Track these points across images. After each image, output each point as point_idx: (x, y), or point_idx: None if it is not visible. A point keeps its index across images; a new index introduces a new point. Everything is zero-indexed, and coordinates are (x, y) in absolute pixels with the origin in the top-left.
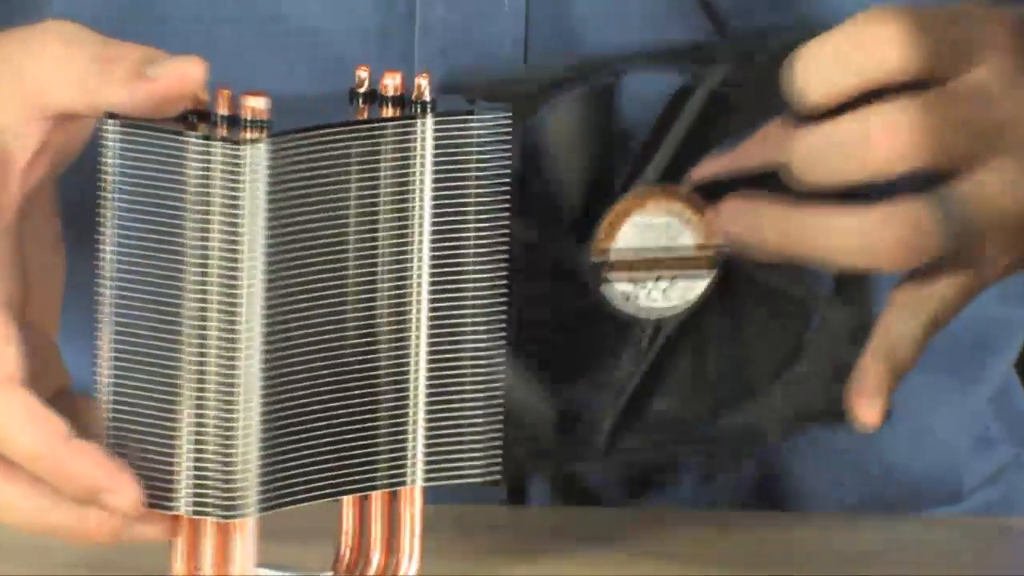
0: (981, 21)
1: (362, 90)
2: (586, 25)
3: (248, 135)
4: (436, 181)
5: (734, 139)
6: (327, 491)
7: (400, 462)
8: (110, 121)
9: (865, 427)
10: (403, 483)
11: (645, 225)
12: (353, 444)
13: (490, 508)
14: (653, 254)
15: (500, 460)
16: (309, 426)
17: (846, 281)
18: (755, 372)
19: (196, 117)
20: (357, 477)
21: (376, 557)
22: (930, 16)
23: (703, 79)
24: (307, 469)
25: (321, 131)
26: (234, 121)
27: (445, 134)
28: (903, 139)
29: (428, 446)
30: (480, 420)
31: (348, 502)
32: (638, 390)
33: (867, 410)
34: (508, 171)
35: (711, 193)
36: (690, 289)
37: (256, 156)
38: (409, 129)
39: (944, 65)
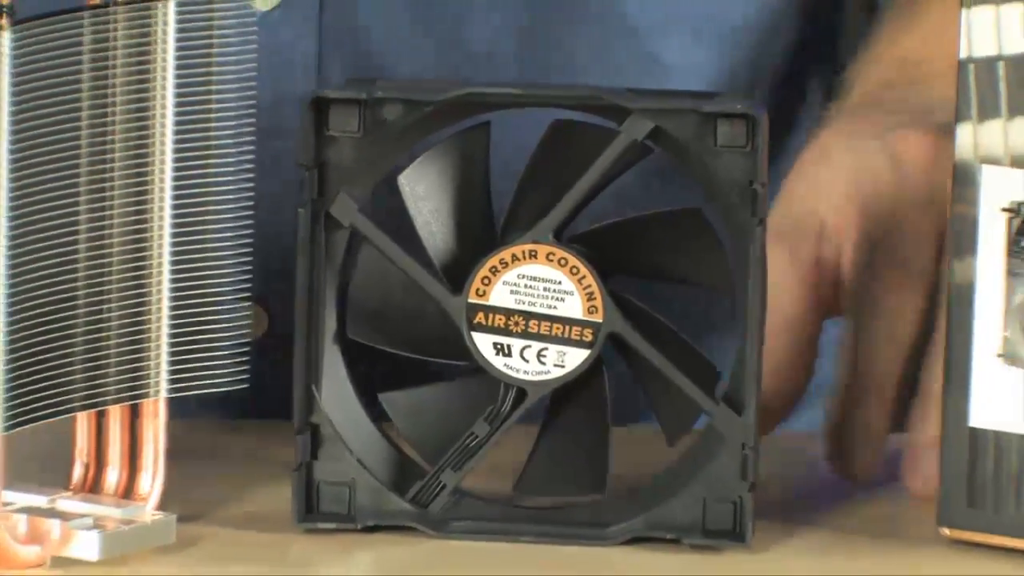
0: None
1: None
2: None
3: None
4: (179, 69)
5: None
6: (73, 406)
7: (141, 374)
8: None
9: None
10: (145, 395)
11: (527, 280)
12: (93, 356)
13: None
14: (530, 313)
15: (247, 367)
16: (49, 340)
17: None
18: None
19: None
20: (97, 391)
21: (114, 475)
22: None
23: (629, 126)
24: (50, 385)
25: (61, 16)
26: None
27: (186, 22)
28: None
29: (173, 357)
30: (225, 327)
31: (83, 418)
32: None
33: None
34: (251, 65)
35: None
36: (566, 359)
37: None
38: (147, 14)
39: None
